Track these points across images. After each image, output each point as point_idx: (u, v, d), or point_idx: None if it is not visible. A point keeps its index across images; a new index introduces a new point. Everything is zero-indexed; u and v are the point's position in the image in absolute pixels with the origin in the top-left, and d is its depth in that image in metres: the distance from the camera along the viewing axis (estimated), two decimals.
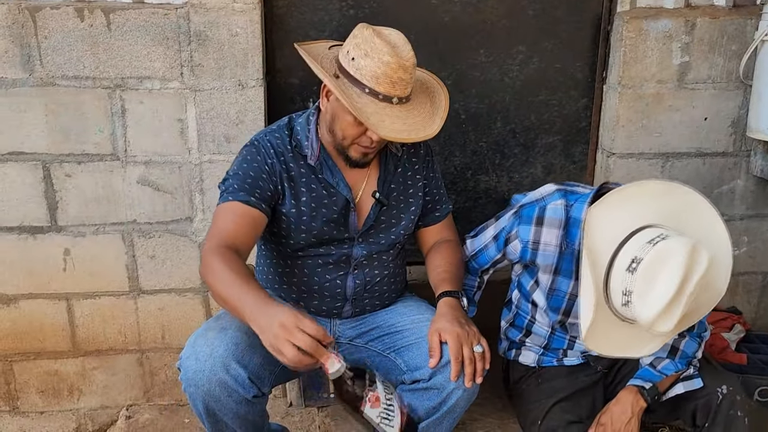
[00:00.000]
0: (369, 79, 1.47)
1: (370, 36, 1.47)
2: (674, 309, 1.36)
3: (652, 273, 1.36)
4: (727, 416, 1.63)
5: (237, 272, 1.41)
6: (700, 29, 2.15)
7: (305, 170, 1.63)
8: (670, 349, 1.69)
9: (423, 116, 1.56)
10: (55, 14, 1.93)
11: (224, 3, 1.96)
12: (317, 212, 1.63)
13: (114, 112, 2.02)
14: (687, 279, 1.34)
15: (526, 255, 1.66)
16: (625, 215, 1.47)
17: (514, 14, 2.21)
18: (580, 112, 2.35)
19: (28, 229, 2.10)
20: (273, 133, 1.64)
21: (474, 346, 1.49)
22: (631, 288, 1.39)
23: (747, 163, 2.29)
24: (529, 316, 1.82)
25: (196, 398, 1.50)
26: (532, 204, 1.65)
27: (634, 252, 1.40)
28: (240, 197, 1.55)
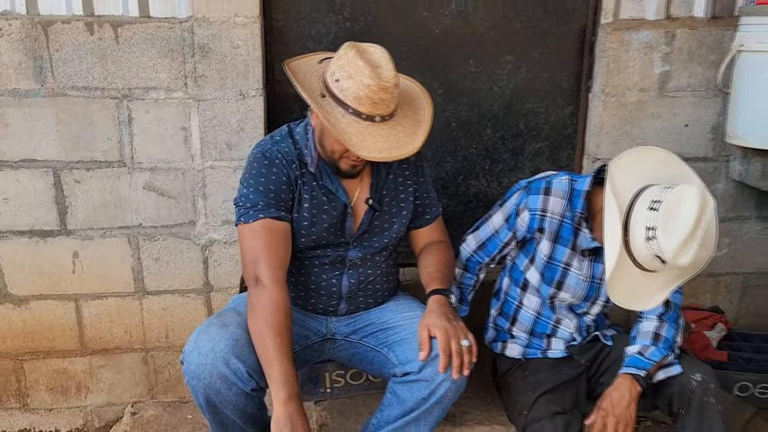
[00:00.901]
0: (352, 99, 1.53)
1: (354, 57, 1.53)
2: (691, 243, 1.53)
3: (673, 209, 1.53)
4: (700, 402, 1.72)
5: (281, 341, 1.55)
6: (679, 40, 2.24)
7: (308, 178, 1.71)
8: (652, 335, 1.81)
9: (407, 131, 1.61)
10: (66, 28, 2.02)
11: (226, 17, 2.06)
12: (318, 218, 1.71)
13: (121, 120, 2.11)
14: (702, 212, 1.52)
15: (534, 223, 1.78)
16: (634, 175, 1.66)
17: (502, 26, 2.31)
18: (567, 119, 2.44)
19: (39, 233, 2.18)
20: (279, 143, 1.71)
21: (461, 340, 1.58)
22: (655, 224, 1.54)
23: (727, 167, 2.38)
24: (517, 301, 1.93)
25: (197, 390, 1.59)
26: (539, 180, 1.82)
27: (653, 196, 1.58)
28: (271, 214, 1.63)
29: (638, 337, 1.83)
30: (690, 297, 2.54)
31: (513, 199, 1.84)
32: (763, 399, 2.24)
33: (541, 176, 1.84)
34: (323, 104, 1.56)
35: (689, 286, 2.49)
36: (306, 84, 1.61)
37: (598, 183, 1.73)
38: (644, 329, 1.83)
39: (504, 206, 1.86)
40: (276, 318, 1.57)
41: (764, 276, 2.56)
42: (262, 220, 1.63)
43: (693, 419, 1.72)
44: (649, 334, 1.81)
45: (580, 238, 1.78)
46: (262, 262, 1.60)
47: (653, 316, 1.84)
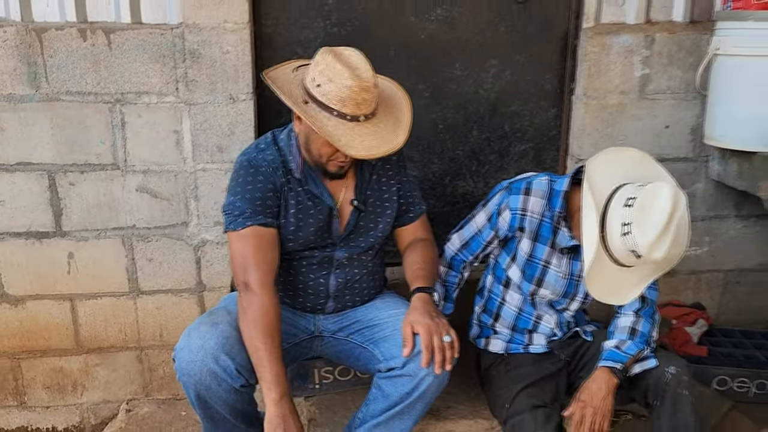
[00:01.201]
0: (335, 102, 1.58)
1: (332, 62, 1.58)
2: (664, 238, 1.60)
3: (647, 205, 1.60)
4: (674, 394, 1.78)
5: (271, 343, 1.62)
6: (659, 43, 2.30)
7: (293, 184, 1.76)
8: (629, 330, 1.87)
9: (389, 129, 1.67)
10: (60, 35, 2.07)
11: (216, 23, 2.11)
12: (304, 222, 1.76)
13: (114, 124, 2.16)
14: (675, 209, 1.59)
15: (515, 222, 1.84)
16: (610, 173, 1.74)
17: (486, 31, 2.37)
18: (550, 121, 2.50)
19: (35, 234, 2.23)
20: (264, 151, 1.76)
21: (443, 337, 1.63)
22: (630, 219, 1.61)
23: (706, 167, 2.44)
24: (500, 298, 1.99)
25: (188, 386, 1.64)
26: (519, 180, 1.88)
27: (628, 194, 1.65)
28: (259, 221, 1.69)
29: (615, 332, 1.89)
30: (672, 294, 2.60)
31: (495, 199, 1.90)
32: (740, 393, 2.30)
33: (522, 177, 1.90)
34: (308, 110, 1.61)
35: (672, 283, 2.57)
36: (287, 92, 1.65)
37: (576, 183, 1.79)
38: (621, 324, 1.89)
39: (487, 206, 1.92)
40: (266, 321, 1.63)
41: (744, 273, 2.62)
42: (250, 227, 1.69)
43: (667, 410, 1.78)
44: (626, 329, 1.87)
45: (559, 236, 1.84)
46: (251, 268, 1.66)
47: (630, 311, 1.90)
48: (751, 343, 2.49)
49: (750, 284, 2.63)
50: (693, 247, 2.55)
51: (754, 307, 2.65)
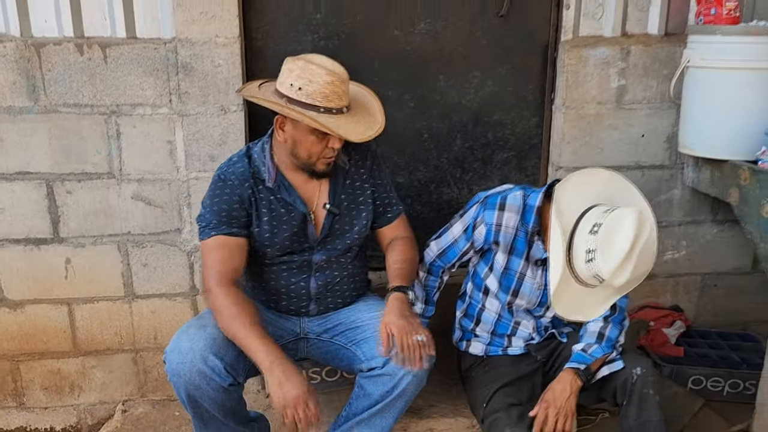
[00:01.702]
0: (321, 99, 1.70)
1: (306, 65, 1.71)
2: (628, 263, 1.65)
3: (611, 233, 1.65)
4: (640, 394, 1.86)
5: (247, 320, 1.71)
6: (634, 55, 2.39)
7: (264, 193, 1.84)
8: (597, 335, 1.94)
9: (366, 116, 1.82)
10: (58, 49, 2.15)
11: (208, 38, 2.19)
12: (278, 229, 1.84)
13: (110, 135, 2.24)
14: (638, 236, 1.64)
15: (490, 236, 1.91)
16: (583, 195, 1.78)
17: (469, 43, 2.45)
18: (532, 130, 2.58)
19: (33, 241, 2.31)
20: (235, 164, 1.85)
21: (416, 336, 1.71)
22: (594, 246, 1.67)
23: (682, 174, 2.53)
24: (480, 304, 2.06)
25: (179, 387, 1.72)
26: (495, 194, 1.94)
27: (594, 219, 1.69)
28: (223, 231, 1.80)
29: (585, 335, 1.97)
30: (651, 296, 2.68)
31: (471, 211, 1.96)
32: (714, 392, 2.39)
33: (497, 191, 1.96)
34: (296, 112, 1.70)
35: (651, 285, 2.65)
36: (274, 106, 1.75)
37: (549, 197, 1.84)
38: (591, 329, 1.97)
39: (463, 217, 1.99)
40: (235, 308, 1.73)
41: (721, 276, 2.70)
42: (215, 237, 1.80)
43: (633, 409, 1.86)
44: (595, 333, 1.95)
45: (533, 249, 1.91)
46: (213, 275, 1.77)
47: (600, 317, 1.96)
48: (726, 344, 2.57)
49: (726, 287, 2.71)
50: (671, 251, 2.64)
51: (730, 309, 2.73)
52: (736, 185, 2.13)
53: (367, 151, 1.95)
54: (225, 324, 1.73)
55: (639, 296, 2.65)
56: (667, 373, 2.38)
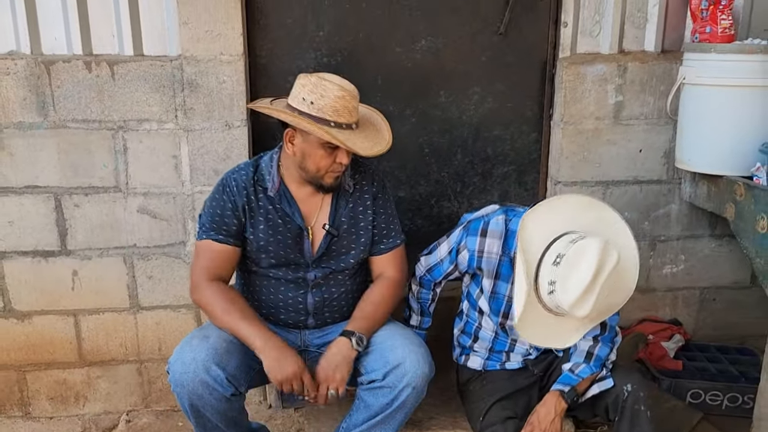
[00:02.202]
0: (331, 114, 1.74)
1: (318, 81, 1.76)
2: (589, 296, 1.64)
3: (572, 264, 1.65)
4: (632, 410, 1.87)
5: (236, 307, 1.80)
6: (631, 72, 2.43)
7: (264, 202, 1.89)
8: (585, 354, 1.94)
9: (373, 133, 1.87)
10: (67, 67, 2.21)
11: (213, 55, 2.24)
12: (274, 238, 1.88)
13: (117, 150, 2.29)
14: (600, 269, 1.63)
15: (473, 262, 1.93)
16: (552, 222, 1.77)
17: (469, 60, 2.50)
18: (531, 145, 2.62)
19: (41, 253, 2.35)
20: (240, 171, 1.91)
21: (331, 390, 1.77)
22: (555, 278, 1.67)
23: (679, 189, 2.55)
24: (477, 323, 2.08)
25: (182, 397, 1.75)
26: (478, 219, 1.95)
27: (559, 249, 1.69)
28: (212, 236, 1.86)
29: (574, 354, 1.97)
30: (650, 310, 2.70)
31: (455, 235, 1.98)
32: (713, 405, 2.40)
33: (480, 214, 1.97)
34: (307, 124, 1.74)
35: (650, 299, 2.68)
36: (286, 117, 1.79)
37: None
38: (580, 347, 1.96)
39: (449, 239, 2.01)
40: (224, 300, 1.81)
41: (720, 290, 2.72)
42: (205, 240, 1.87)
43: (625, 426, 1.88)
44: (583, 353, 1.95)
45: None
46: (200, 272, 1.86)
47: (590, 336, 1.95)
48: (725, 358, 2.59)
49: (725, 301, 2.73)
50: (669, 265, 2.66)
51: (729, 323, 2.75)
52: (731, 200, 2.16)
53: (374, 177, 1.99)
54: (216, 316, 1.80)
55: (638, 310, 2.67)
56: (666, 387, 2.39)
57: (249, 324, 1.77)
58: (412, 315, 2.14)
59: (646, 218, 2.57)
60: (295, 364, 1.74)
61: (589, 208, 1.82)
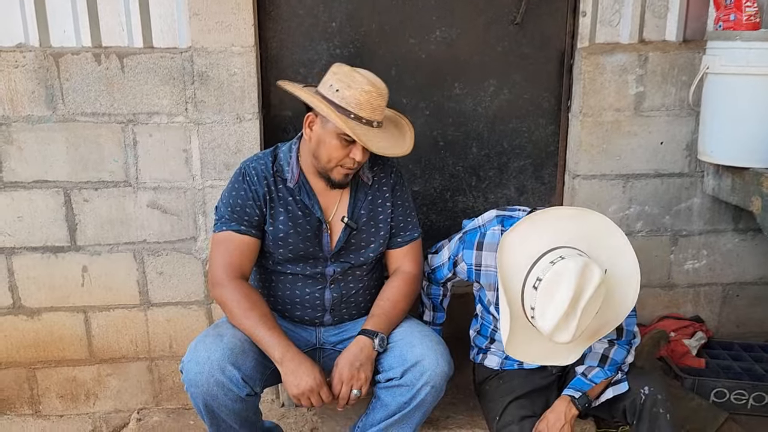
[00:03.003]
0: (354, 106, 1.70)
1: (350, 71, 1.73)
2: (570, 321, 1.55)
3: (549, 289, 1.56)
4: (651, 413, 1.80)
5: (258, 312, 1.74)
6: (652, 62, 2.36)
7: (284, 193, 1.84)
8: (600, 357, 1.87)
9: (395, 136, 1.83)
10: (76, 59, 2.17)
11: (224, 47, 2.20)
12: (294, 230, 1.84)
13: (127, 144, 2.26)
14: (579, 293, 1.53)
15: (471, 275, 1.88)
16: (538, 238, 1.67)
17: (485, 51, 2.44)
18: (548, 137, 2.56)
19: (51, 249, 2.32)
20: (258, 160, 1.86)
21: (354, 390, 1.72)
22: (534, 304, 1.59)
23: (702, 182, 2.49)
24: (492, 326, 2.02)
25: (196, 397, 1.71)
26: (474, 230, 1.88)
27: (539, 272, 1.60)
28: (233, 227, 1.81)
29: (588, 356, 1.89)
30: (671, 307, 2.64)
31: (453, 244, 1.92)
32: (738, 405, 2.34)
33: (476, 225, 1.89)
34: (327, 109, 1.70)
35: (671, 296, 2.61)
36: (306, 97, 1.76)
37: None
38: (595, 349, 1.88)
39: (450, 244, 1.95)
40: (245, 301, 1.75)
41: (743, 286, 2.65)
42: (225, 232, 1.82)
43: (644, 429, 1.81)
44: (598, 355, 1.87)
45: None
46: (221, 267, 1.79)
47: (605, 339, 1.87)
48: (750, 356, 2.52)
49: (749, 297, 2.66)
50: (691, 260, 2.59)
51: (753, 320, 2.68)
52: (758, 193, 2.09)
53: (392, 169, 1.95)
54: (235, 317, 1.76)
55: (659, 306, 2.61)
56: (689, 385, 2.33)
57: (268, 331, 1.72)
58: (425, 311, 2.10)
59: (668, 212, 2.51)
60: (312, 379, 1.68)
61: (578, 218, 1.71)
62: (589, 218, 1.71)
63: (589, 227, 1.70)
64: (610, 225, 1.71)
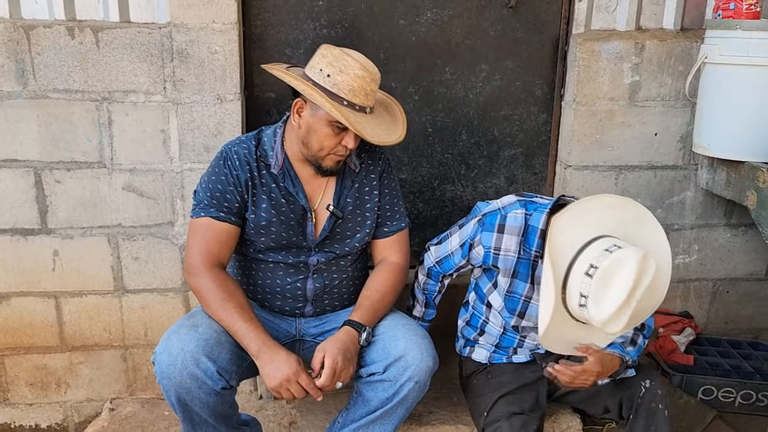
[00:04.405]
0: (347, 92, 1.62)
1: (341, 54, 1.64)
2: (624, 311, 1.51)
3: (607, 278, 1.50)
4: (648, 408, 1.76)
5: (235, 302, 1.66)
6: (649, 51, 2.30)
7: (267, 179, 1.76)
8: (630, 340, 1.82)
9: (387, 123, 1.75)
10: (48, 32, 2.07)
11: (205, 23, 2.10)
12: (277, 218, 1.76)
13: (101, 123, 2.16)
14: (637, 285, 1.48)
15: (488, 260, 1.79)
16: (583, 225, 1.61)
17: (477, 35, 2.36)
18: (540, 126, 2.49)
19: (20, 231, 2.23)
20: (241, 144, 1.78)
21: (338, 381, 1.64)
22: (587, 292, 1.52)
23: (695, 175, 2.44)
24: (483, 317, 1.95)
25: (169, 390, 1.63)
26: (494, 212, 1.79)
27: (592, 258, 1.53)
28: (211, 213, 1.72)
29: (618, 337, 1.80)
30: (661, 302, 2.59)
31: (469, 228, 1.83)
32: (726, 403, 2.30)
33: (496, 207, 1.80)
34: (318, 96, 1.62)
35: None
36: (297, 84, 1.66)
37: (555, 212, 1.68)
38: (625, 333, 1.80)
39: (462, 231, 1.87)
40: (222, 291, 1.67)
41: (734, 282, 2.62)
42: (203, 218, 1.74)
43: (641, 424, 1.77)
44: (627, 338, 1.82)
45: (538, 269, 1.77)
46: (196, 255, 1.71)
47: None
48: (738, 353, 2.49)
49: (739, 294, 2.63)
50: (682, 255, 2.55)
51: (742, 316, 2.65)
52: (753, 188, 2.04)
53: (380, 156, 1.88)
54: (210, 307, 1.68)
55: None
56: (677, 383, 2.30)
57: (245, 323, 1.64)
58: (415, 305, 2.03)
59: (660, 206, 2.45)
60: (288, 368, 1.60)
61: (621, 207, 1.66)
62: (629, 207, 1.66)
63: (628, 216, 1.64)
64: (648, 215, 1.66)
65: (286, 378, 1.60)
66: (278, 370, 1.60)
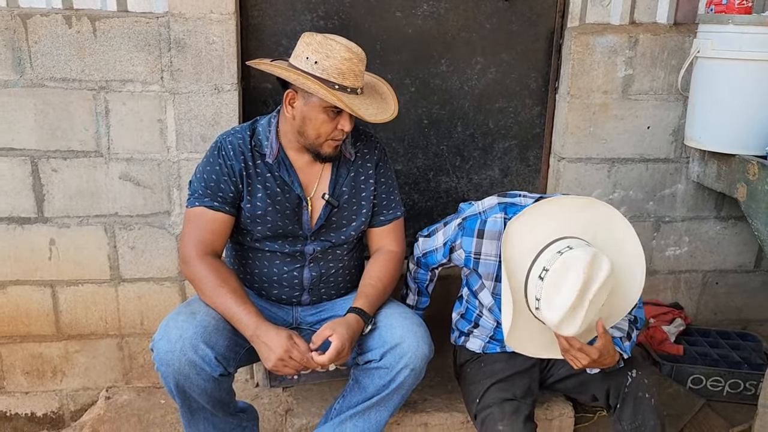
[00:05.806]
0: (336, 76, 1.63)
1: (324, 40, 1.65)
2: (577, 312, 1.51)
3: (557, 280, 1.51)
4: (635, 398, 1.78)
5: (228, 288, 1.68)
6: (642, 45, 2.32)
7: (261, 168, 1.77)
8: (626, 334, 1.84)
9: (378, 101, 1.77)
10: (45, 21, 2.06)
11: (202, 13, 2.11)
12: (272, 207, 1.77)
13: (98, 112, 2.16)
14: (588, 285, 1.48)
15: (469, 263, 1.82)
16: (546, 228, 1.62)
17: (472, 28, 2.38)
18: (535, 119, 2.52)
19: (17, 220, 2.23)
20: (236, 134, 1.79)
21: (337, 362, 1.67)
22: (540, 295, 1.54)
23: (687, 168, 2.47)
24: (477, 311, 1.98)
25: (167, 376, 1.65)
26: (474, 216, 1.81)
27: (545, 262, 1.55)
28: (206, 203, 1.73)
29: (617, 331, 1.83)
30: (651, 293, 2.63)
31: (451, 229, 1.84)
32: (714, 391, 2.34)
33: (476, 212, 1.82)
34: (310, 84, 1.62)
35: (651, 282, 2.60)
36: (286, 74, 1.67)
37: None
38: (620, 325, 1.83)
39: (445, 229, 1.88)
40: (215, 277, 1.69)
41: (723, 274, 2.65)
42: (198, 207, 1.75)
43: (628, 413, 1.79)
44: (624, 330, 1.83)
45: None
46: (192, 243, 1.73)
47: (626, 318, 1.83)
48: (727, 343, 2.53)
49: (728, 285, 2.67)
50: (673, 247, 2.58)
51: (731, 307, 2.69)
52: (744, 180, 2.07)
53: (376, 144, 1.89)
54: (205, 294, 1.70)
55: None
56: (667, 372, 2.33)
57: (239, 307, 1.65)
58: (409, 294, 2.05)
59: (651, 198, 2.49)
60: (280, 347, 1.61)
61: (585, 208, 1.66)
62: (595, 208, 1.66)
63: (594, 217, 1.64)
64: (615, 215, 1.66)
65: (279, 358, 1.62)
66: (271, 351, 1.62)
